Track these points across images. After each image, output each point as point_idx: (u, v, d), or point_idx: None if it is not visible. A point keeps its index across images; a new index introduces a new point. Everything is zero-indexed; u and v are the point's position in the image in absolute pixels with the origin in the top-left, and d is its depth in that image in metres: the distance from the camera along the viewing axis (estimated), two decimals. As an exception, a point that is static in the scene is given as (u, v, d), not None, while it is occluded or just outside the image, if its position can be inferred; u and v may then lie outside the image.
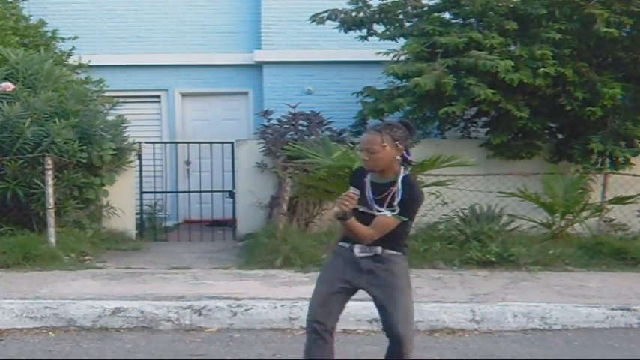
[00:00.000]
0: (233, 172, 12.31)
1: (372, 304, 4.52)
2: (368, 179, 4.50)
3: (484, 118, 11.93)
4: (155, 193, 12.82)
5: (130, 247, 10.72)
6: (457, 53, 10.50)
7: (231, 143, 12.31)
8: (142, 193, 12.12)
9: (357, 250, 4.48)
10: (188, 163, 14.39)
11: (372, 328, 6.57)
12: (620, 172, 10.88)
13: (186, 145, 14.14)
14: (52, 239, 9.39)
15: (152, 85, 14.76)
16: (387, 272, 4.46)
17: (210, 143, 12.78)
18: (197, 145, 13.05)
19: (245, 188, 11.72)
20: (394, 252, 4.49)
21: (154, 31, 14.67)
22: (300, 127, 11.68)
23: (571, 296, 7.37)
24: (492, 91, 10.23)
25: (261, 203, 11.49)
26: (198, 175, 12.76)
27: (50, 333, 6.57)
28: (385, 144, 4.42)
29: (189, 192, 13.51)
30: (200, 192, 12.79)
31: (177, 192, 13.99)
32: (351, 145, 11.31)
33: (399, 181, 4.45)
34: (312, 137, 11.25)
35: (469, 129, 12.47)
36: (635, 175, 10.65)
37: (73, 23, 13.80)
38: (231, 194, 12.45)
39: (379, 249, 4.44)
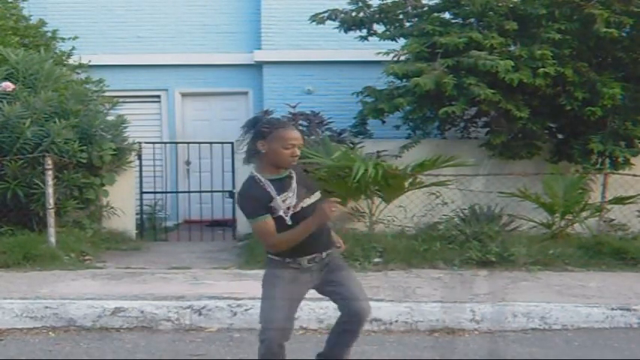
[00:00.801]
0: (233, 172, 12.30)
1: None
2: (267, 184, 4.46)
3: (484, 118, 11.93)
4: (155, 193, 12.82)
5: (130, 247, 10.72)
6: (457, 53, 10.49)
7: (231, 143, 12.28)
8: (142, 193, 12.12)
9: (305, 262, 4.51)
10: (188, 163, 14.40)
11: (372, 328, 6.57)
12: (620, 172, 10.87)
13: (186, 145, 14.14)
14: (52, 239, 9.40)
15: (152, 85, 14.77)
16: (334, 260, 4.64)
17: (210, 143, 12.78)
18: (197, 145, 13.05)
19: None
20: (331, 250, 4.65)
21: (154, 31, 14.68)
22: (299, 127, 11.67)
23: (571, 296, 7.37)
24: (492, 91, 10.23)
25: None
26: (198, 175, 12.76)
27: (50, 333, 6.57)
28: None
29: (189, 192, 13.51)
30: (200, 192, 12.78)
31: (177, 192, 13.99)
32: (351, 145, 11.31)
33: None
34: (312, 137, 11.25)
35: (469, 129, 12.47)
36: (635, 175, 10.64)
37: (73, 23, 13.81)
38: (231, 194, 12.44)
39: (324, 254, 4.58)
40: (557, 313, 6.85)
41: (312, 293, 4.66)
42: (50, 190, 9.46)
